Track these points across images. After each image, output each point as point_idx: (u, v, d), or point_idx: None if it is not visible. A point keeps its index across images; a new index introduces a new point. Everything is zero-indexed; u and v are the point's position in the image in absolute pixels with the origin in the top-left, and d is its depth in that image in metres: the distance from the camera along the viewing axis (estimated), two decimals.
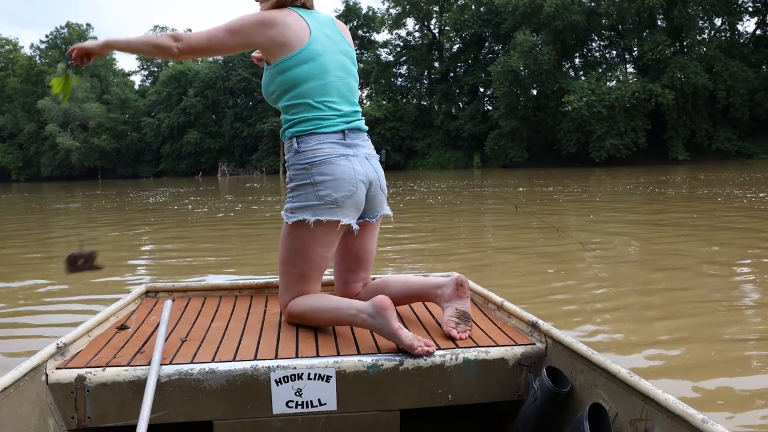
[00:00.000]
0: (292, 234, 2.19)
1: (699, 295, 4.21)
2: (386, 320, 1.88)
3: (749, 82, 39.11)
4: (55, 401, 1.74)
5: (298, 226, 2.17)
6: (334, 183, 2.12)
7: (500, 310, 2.34)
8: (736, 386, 2.62)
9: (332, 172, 2.12)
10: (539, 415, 1.74)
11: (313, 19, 2.21)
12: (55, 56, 71.73)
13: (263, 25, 2.12)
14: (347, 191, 2.14)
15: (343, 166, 2.13)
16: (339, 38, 2.27)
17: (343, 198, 2.13)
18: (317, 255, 2.19)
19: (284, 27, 2.13)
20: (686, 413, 1.35)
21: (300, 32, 2.15)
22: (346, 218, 2.16)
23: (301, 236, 2.17)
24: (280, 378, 1.79)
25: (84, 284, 5.06)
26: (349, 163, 2.15)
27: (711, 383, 2.66)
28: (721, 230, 7.49)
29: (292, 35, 2.13)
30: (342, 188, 2.13)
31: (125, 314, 2.45)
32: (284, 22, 2.14)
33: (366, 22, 58.08)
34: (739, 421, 2.31)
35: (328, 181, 2.12)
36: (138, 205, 16.62)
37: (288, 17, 2.16)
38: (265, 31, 2.12)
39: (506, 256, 6.05)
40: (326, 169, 2.12)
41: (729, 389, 2.59)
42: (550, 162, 43.28)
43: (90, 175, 65.27)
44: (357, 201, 2.18)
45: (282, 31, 2.12)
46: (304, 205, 2.14)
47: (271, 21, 2.13)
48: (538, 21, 43.77)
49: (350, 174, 2.14)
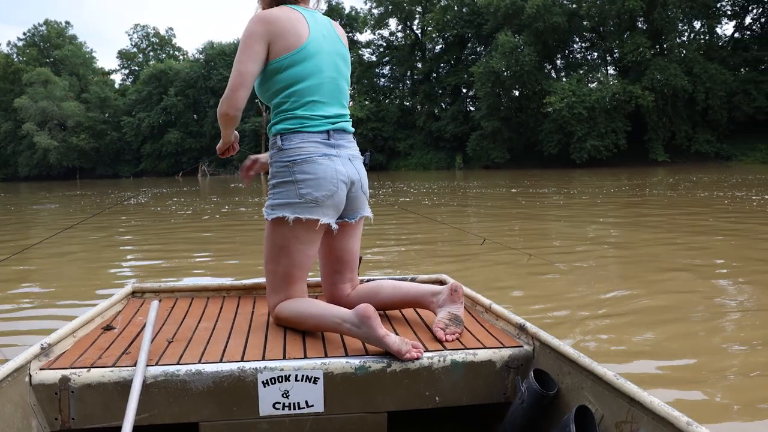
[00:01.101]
0: (274, 231, 2.20)
1: (685, 299, 4.25)
2: (371, 329, 1.88)
3: (727, 84, 39.55)
4: (38, 402, 1.72)
5: (278, 223, 2.18)
6: (315, 182, 2.13)
7: (488, 312, 2.35)
8: (721, 390, 2.65)
9: (314, 171, 2.14)
10: (526, 417, 1.75)
11: (312, 19, 2.23)
12: (32, 54, 70.90)
13: (267, 23, 2.14)
14: (328, 191, 2.15)
15: (324, 165, 2.15)
16: (335, 39, 2.29)
17: (323, 197, 2.15)
18: (299, 253, 2.20)
19: (285, 23, 2.15)
20: (671, 416, 1.36)
21: (300, 30, 2.17)
22: (325, 217, 2.17)
23: (282, 234, 2.18)
24: (268, 379, 1.78)
25: (70, 285, 5.01)
26: (332, 163, 2.16)
27: (696, 387, 2.69)
28: (703, 234, 7.58)
29: (293, 33, 2.15)
30: (323, 187, 2.14)
31: (111, 315, 2.43)
32: (286, 18, 2.16)
33: (349, 22, 57.99)
34: (724, 424, 2.34)
35: (309, 180, 2.13)
36: (118, 207, 16.46)
37: (289, 14, 2.18)
38: (268, 28, 2.13)
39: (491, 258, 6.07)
40: (308, 167, 2.14)
41: (714, 393, 2.62)
42: (532, 163, 43.50)
43: (69, 175, 64.49)
44: (337, 201, 2.19)
45: (283, 26, 2.14)
46: (285, 203, 2.16)
47: (271, 19, 2.15)
48: (519, 22, 43.94)
49: (332, 174, 2.15)
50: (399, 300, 2.32)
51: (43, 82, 62.97)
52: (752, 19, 44.89)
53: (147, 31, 77.13)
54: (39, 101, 61.54)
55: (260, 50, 2.14)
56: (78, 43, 74.41)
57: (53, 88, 62.90)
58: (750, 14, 44.65)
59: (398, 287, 2.33)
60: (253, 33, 2.14)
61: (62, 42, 72.62)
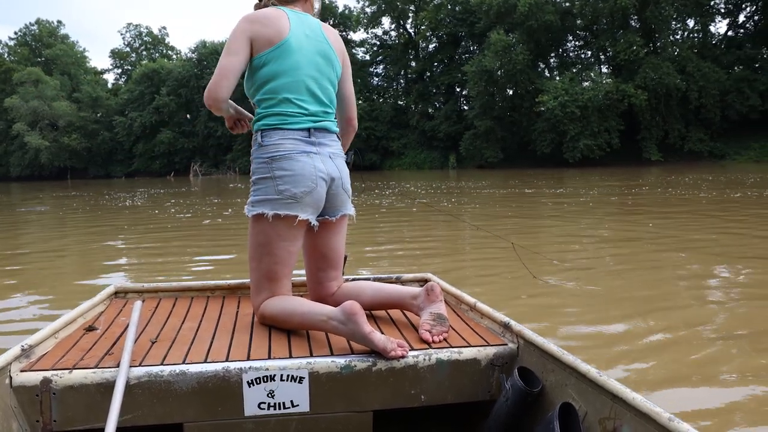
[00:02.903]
0: (255, 228, 2.22)
1: (673, 298, 4.27)
2: (357, 325, 1.88)
3: (721, 83, 39.44)
4: (19, 404, 1.70)
5: (258, 219, 2.20)
6: (292, 178, 2.15)
7: (473, 310, 2.35)
8: (705, 389, 2.66)
9: (292, 167, 2.15)
10: (510, 414, 1.76)
11: (297, 19, 2.27)
12: (24, 53, 70.53)
13: (249, 21, 2.21)
14: (306, 187, 2.17)
15: (303, 162, 2.17)
16: (320, 40, 2.30)
17: (301, 194, 2.16)
18: (281, 249, 2.21)
19: (267, 21, 2.20)
20: (653, 411, 1.37)
21: (280, 29, 2.21)
22: (304, 214, 2.19)
23: (263, 231, 2.20)
24: (253, 379, 1.77)
25: (53, 285, 4.98)
26: (311, 160, 2.18)
27: (680, 385, 2.70)
28: (696, 233, 7.61)
29: (273, 30, 2.20)
30: (301, 184, 2.16)
31: (93, 315, 2.42)
32: (267, 16, 2.21)
33: (342, 20, 57.91)
34: (707, 422, 2.34)
35: (288, 176, 2.15)
36: (112, 207, 16.40)
37: (273, 14, 2.23)
38: (251, 26, 2.20)
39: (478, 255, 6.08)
40: (286, 164, 2.15)
41: (698, 391, 2.63)
42: (525, 162, 43.48)
43: (61, 175, 64.20)
44: (316, 198, 2.21)
45: (265, 24, 2.20)
46: (264, 199, 2.18)
47: (255, 17, 2.21)
48: (512, 20, 43.86)
49: (310, 170, 2.17)
50: (380, 302, 2.33)
51: (34, 81, 62.61)
52: (746, 17, 44.89)
53: (140, 30, 76.93)
54: (30, 101, 61.19)
55: (242, 46, 2.19)
56: (70, 43, 74.06)
57: (44, 88, 62.56)
58: (744, 12, 44.66)
59: (379, 290, 2.33)
60: (237, 29, 2.20)
61: (54, 41, 72.26)
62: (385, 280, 2.87)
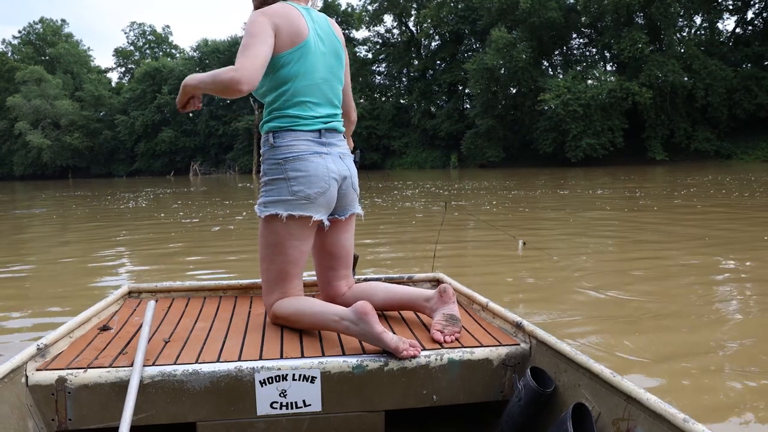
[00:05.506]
0: (267, 228, 2.22)
1: (683, 296, 4.26)
2: (369, 325, 1.88)
3: (728, 81, 38.70)
4: (35, 403, 1.71)
5: (271, 220, 2.20)
6: (307, 179, 2.15)
7: (485, 310, 2.36)
8: (720, 388, 2.65)
9: (306, 168, 2.15)
10: (523, 415, 1.76)
11: (310, 18, 2.24)
12: (28, 52, 70.58)
13: (269, 15, 2.12)
14: (320, 188, 2.17)
15: (316, 163, 2.17)
16: (331, 39, 2.29)
17: (315, 194, 2.16)
18: (294, 249, 2.21)
19: (289, 19, 2.15)
20: (668, 413, 1.36)
21: (301, 28, 2.17)
22: (317, 214, 2.19)
23: (276, 230, 2.20)
24: (265, 379, 1.78)
25: (66, 286, 4.99)
26: (323, 161, 2.19)
27: (695, 385, 2.69)
28: (702, 236, 7.60)
29: (295, 30, 2.15)
30: (315, 185, 2.16)
31: (107, 315, 2.43)
32: (288, 14, 2.15)
33: (345, 18, 57.80)
34: (722, 423, 2.34)
35: (302, 177, 2.15)
36: (114, 211, 16.40)
37: (290, 11, 2.17)
38: (273, 20, 2.11)
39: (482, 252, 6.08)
40: (300, 165, 2.15)
41: (712, 391, 2.63)
42: (528, 162, 43.23)
43: (64, 174, 64.24)
44: (329, 198, 2.21)
45: (288, 22, 2.14)
46: (277, 200, 2.18)
47: (274, 12, 2.14)
48: (514, 17, 43.56)
49: (323, 171, 2.18)
50: (392, 304, 2.33)
51: (36, 80, 62.66)
52: (754, 14, 44.18)
53: (143, 29, 76.97)
54: (32, 99, 61.24)
55: (270, 36, 2.09)
56: (73, 41, 74.08)
57: (47, 87, 62.60)
58: (752, 9, 44.00)
59: (391, 291, 2.33)
60: (259, 21, 2.10)
61: (57, 40, 72.31)
62: (397, 280, 2.87)
